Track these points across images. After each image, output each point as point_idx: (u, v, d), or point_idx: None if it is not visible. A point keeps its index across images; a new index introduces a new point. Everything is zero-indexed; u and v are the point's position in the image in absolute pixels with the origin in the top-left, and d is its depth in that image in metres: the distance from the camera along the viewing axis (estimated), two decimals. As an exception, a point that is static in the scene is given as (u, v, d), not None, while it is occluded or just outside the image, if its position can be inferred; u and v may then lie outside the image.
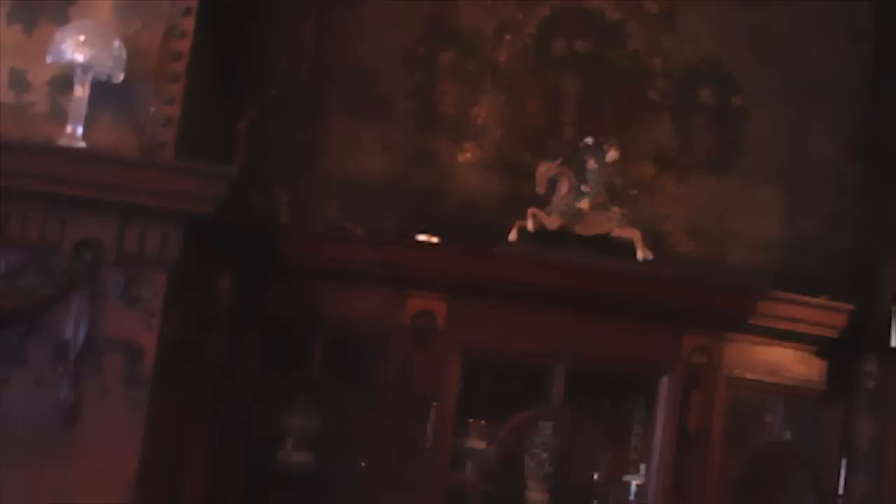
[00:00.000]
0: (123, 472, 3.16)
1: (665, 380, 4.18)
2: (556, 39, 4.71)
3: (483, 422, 4.24)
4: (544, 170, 4.35)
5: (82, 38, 3.19)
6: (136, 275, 3.19)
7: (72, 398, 3.14)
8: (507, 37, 4.68)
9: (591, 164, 4.37)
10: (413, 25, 4.64)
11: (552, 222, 4.27)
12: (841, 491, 4.38)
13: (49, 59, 3.25)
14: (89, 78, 3.23)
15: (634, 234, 4.30)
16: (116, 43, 3.24)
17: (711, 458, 4.19)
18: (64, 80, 3.30)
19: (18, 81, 3.35)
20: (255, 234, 3.94)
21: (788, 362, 4.37)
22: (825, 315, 4.34)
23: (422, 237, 4.21)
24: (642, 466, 4.26)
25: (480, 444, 4.22)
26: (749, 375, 4.28)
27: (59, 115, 3.30)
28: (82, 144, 3.22)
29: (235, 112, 4.29)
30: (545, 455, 4.27)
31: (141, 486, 3.21)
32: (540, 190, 4.34)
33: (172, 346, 3.34)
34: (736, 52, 4.79)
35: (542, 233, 4.28)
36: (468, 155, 4.62)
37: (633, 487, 4.27)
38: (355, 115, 4.58)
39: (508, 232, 4.29)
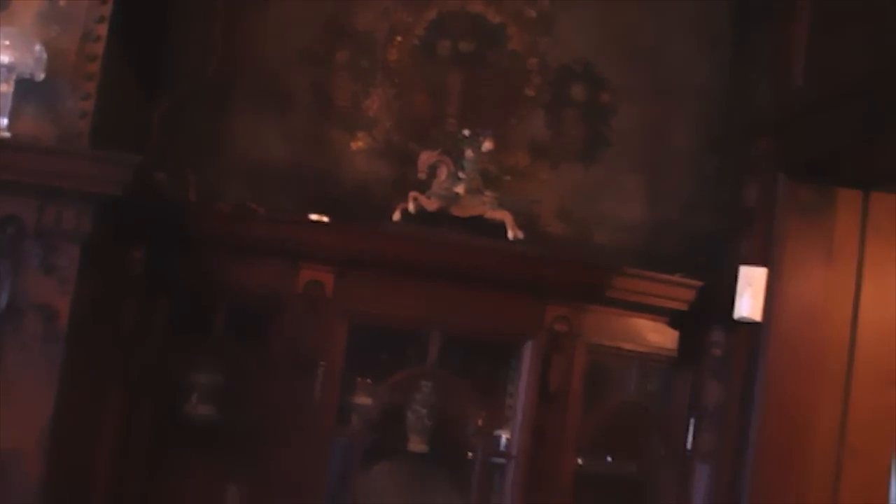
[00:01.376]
0: (40, 417, 3.51)
1: (529, 344, 4.46)
2: (442, 40, 4.91)
3: (369, 380, 4.53)
4: (426, 157, 4.59)
5: (7, 42, 3.54)
6: (53, 247, 3.54)
7: (-4, 353, 3.47)
8: (398, 38, 4.88)
9: (469, 153, 4.59)
10: (313, 27, 4.81)
11: (431, 204, 4.53)
12: (689, 446, 4.65)
13: (-22, 61, 3.55)
14: (14, 76, 3.57)
15: (506, 216, 4.56)
16: (38, 46, 3.59)
17: (569, 414, 4.45)
18: (-9, 78, 3.61)
19: (-50, 80, 3.64)
20: (166, 210, 4.18)
21: (643, 331, 4.64)
22: (677, 290, 4.61)
23: (314, 216, 4.44)
24: (511, 422, 4.55)
25: (366, 401, 4.50)
26: (606, 342, 4.57)
27: (-13, 109, 3.61)
28: (7, 135, 3.56)
29: (151, 105, 4.52)
30: (424, 411, 4.48)
31: (55, 431, 3.55)
32: (421, 175, 4.58)
33: (86, 309, 3.69)
34: (605, 54, 4.98)
35: (422, 214, 4.53)
36: (360, 143, 4.84)
37: (503, 440, 4.57)
38: (259, 106, 4.75)
39: (393, 213, 4.54)
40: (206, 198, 4.56)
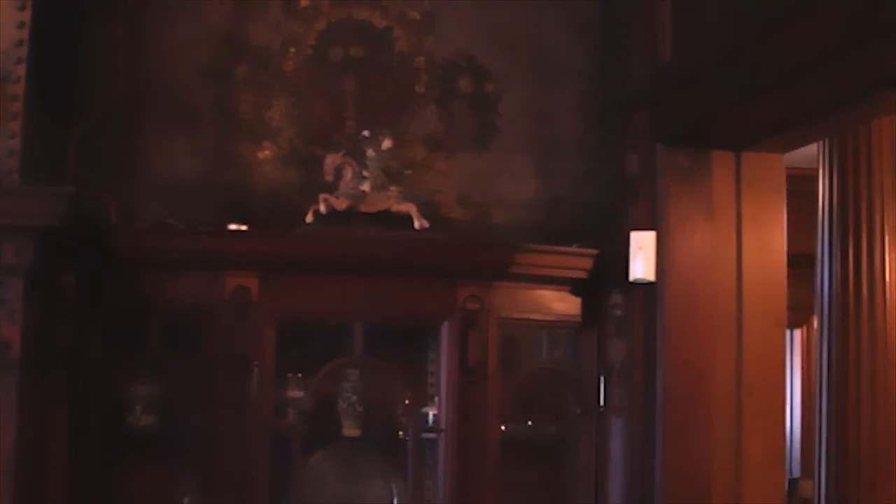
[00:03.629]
0: (3, 448, 3.70)
1: (445, 324, 4.66)
2: (333, 48, 5.06)
3: (299, 375, 4.69)
4: (331, 160, 4.75)
5: (-69, 92, 3.67)
6: None
7: (-48, 387, 3.61)
8: (292, 49, 5.02)
9: (370, 152, 4.77)
10: (211, 45, 4.94)
11: (341, 204, 4.70)
12: (602, 403, 4.86)
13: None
14: (-60, 123, 3.70)
15: (411, 208, 4.74)
16: None
17: (489, 384, 4.65)
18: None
19: None
20: (89, 234, 4.32)
21: (549, 301, 4.84)
22: (575, 260, 4.82)
23: (233, 226, 4.59)
24: (437, 399, 4.76)
25: (298, 394, 4.66)
26: (516, 315, 4.76)
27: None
28: None
29: (64, 132, 4.62)
30: (354, 397, 4.70)
31: (19, 460, 3.74)
32: (328, 178, 4.74)
33: (31, 336, 3.84)
34: (487, 47, 5.16)
35: (333, 213, 4.68)
36: (267, 152, 4.99)
37: (430, 416, 4.78)
38: (168, 126, 4.88)
39: (305, 215, 4.68)
40: (125, 218, 4.68)
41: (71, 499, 4.36)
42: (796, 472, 8.74)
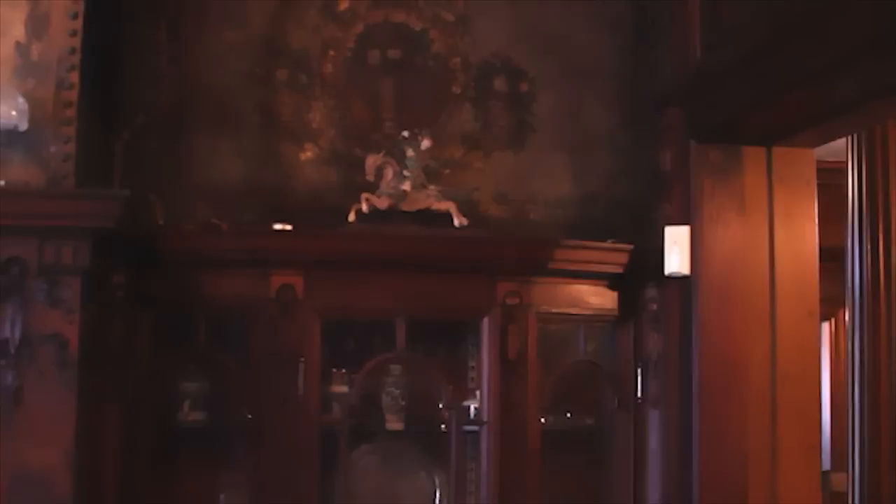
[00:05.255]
0: (64, 438, 3.80)
1: (486, 320, 4.71)
2: (371, 50, 5.16)
3: (344, 370, 4.78)
4: (372, 161, 4.85)
5: (-7, 97, 3.78)
6: (56, 281, 3.84)
7: (16, 384, 3.78)
8: (331, 52, 5.12)
9: (410, 152, 4.84)
10: (252, 50, 5.06)
11: (382, 203, 4.78)
12: (639, 395, 4.91)
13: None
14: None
15: (450, 206, 4.82)
16: (20, 99, 3.85)
17: (529, 377, 4.71)
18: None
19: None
20: (138, 235, 4.43)
21: (586, 295, 4.89)
22: (611, 255, 4.87)
23: (277, 226, 4.67)
24: (478, 393, 4.82)
25: (343, 389, 4.75)
26: (554, 309, 4.82)
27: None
28: (0, 182, 3.83)
29: (112, 138, 4.72)
30: (398, 392, 4.78)
31: (78, 449, 3.84)
32: (370, 178, 4.83)
33: (87, 334, 3.97)
34: (520, 48, 5.24)
35: (375, 212, 4.77)
36: (308, 154, 5.08)
37: (472, 410, 4.84)
38: (211, 129, 4.98)
39: (348, 214, 4.77)
40: (172, 220, 4.78)
41: (123, 491, 4.46)
42: (826, 465, 8.78)
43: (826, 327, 9.36)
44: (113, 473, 4.44)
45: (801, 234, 4.60)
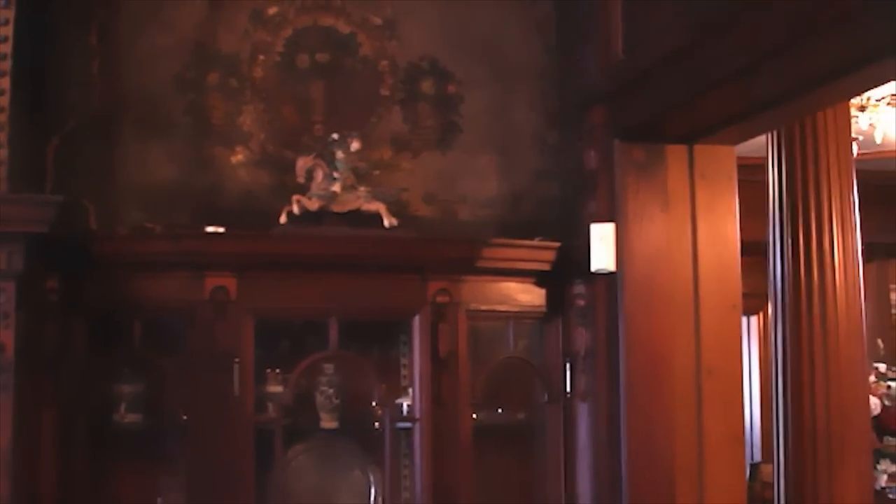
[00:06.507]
0: (0, 446, 3.81)
1: (417, 318, 4.75)
2: (300, 54, 5.15)
3: (278, 370, 4.78)
4: (302, 163, 4.83)
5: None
6: None
7: (-49, 388, 3.74)
8: (261, 56, 5.12)
9: (339, 154, 4.84)
10: (182, 54, 5.02)
11: (313, 204, 4.78)
12: (568, 389, 4.95)
13: None
14: (-72, 136, 3.82)
15: (380, 207, 4.85)
16: None
17: (460, 374, 4.76)
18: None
19: None
20: (71, 240, 4.44)
21: (515, 293, 4.93)
22: (539, 253, 4.91)
23: (210, 228, 4.67)
24: (410, 390, 4.84)
25: (278, 389, 4.75)
26: (484, 307, 4.86)
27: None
28: None
29: (43, 140, 4.72)
30: (331, 391, 4.78)
31: (14, 454, 3.87)
32: (300, 180, 4.82)
33: (23, 338, 3.98)
34: (447, 50, 5.26)
35: (306, 214, 4.77)
36: (239, 157, 5.07)
37: (405, 407, 4.88)
38: (143, 133, 4.93)
39: (279, 216, 4.77)
40: (105, 223, 4.79)
41: (60, 494, 4.46)
42: (757, 457, 8.97)
43: (755, 321, 9.56)
44: (50, 477, 4.44)
45: (723, 230, 4.70)
